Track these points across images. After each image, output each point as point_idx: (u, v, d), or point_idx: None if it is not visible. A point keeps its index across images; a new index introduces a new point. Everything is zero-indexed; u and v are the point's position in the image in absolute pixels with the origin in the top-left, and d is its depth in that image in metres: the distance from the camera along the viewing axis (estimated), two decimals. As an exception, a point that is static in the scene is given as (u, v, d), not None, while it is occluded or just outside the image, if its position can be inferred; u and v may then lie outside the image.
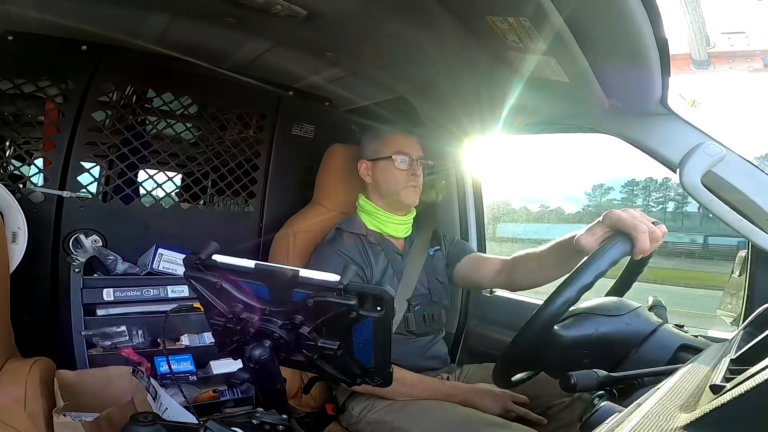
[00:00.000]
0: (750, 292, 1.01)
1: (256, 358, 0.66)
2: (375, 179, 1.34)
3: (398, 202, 1.32)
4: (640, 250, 0.78)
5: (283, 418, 0.76)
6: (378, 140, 1.36)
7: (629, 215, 0.79)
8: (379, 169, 1.33)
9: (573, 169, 4.90)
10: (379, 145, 1.35)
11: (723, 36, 1.14)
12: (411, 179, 1.31)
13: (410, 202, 1.33)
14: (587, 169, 5.13)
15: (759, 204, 0.92)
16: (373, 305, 0.64)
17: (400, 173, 1.31)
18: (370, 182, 1.35)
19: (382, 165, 1.33)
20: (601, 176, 5.14)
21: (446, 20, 0.95)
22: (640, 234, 0.78)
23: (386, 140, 1.35)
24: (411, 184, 1.31)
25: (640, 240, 0.78)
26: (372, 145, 1.36)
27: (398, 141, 1.34)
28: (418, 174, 1.32)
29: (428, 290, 1.31)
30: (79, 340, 1.18)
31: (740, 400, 0.30)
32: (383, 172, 1.32)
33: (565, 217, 6.04)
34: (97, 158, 1.38)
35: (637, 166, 5.51)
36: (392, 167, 1.31)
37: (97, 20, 1.23)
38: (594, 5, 0.73)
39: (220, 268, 0.69)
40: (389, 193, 1.32)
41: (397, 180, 1.31)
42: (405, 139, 1.35)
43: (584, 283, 0.73)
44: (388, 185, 1.32)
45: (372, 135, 1.39)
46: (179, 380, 1.21)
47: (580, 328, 0.78)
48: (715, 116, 1.01)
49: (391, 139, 1.35)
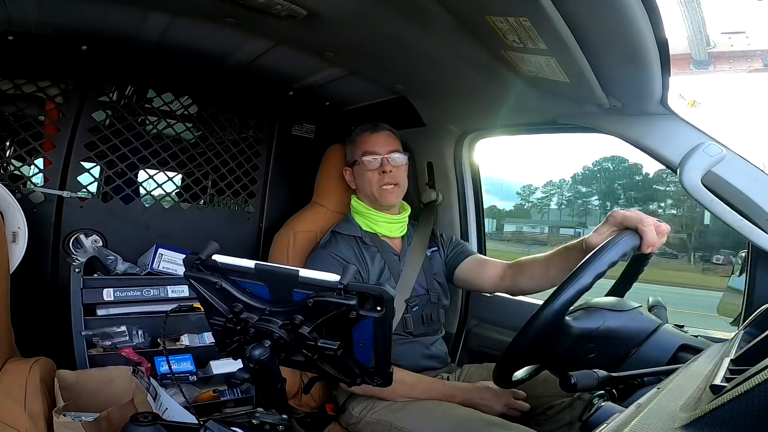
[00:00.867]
0: (750, 292, 1.01)
1: (256, 358, 0.66)
2: (356, 183, 1.33)
3: (380, 204, 1.30)
4: (649, 243, 0.82)
5: (283, 418, 0.76)
6: (352, 143, 1.35)
7: (634, 213, 0.83)
8: (356, 174, 1.33)
9: (508, 172, 5.63)
10: (351, 148, 1.34)
11: (723, 36, 1.14)
12: (383, 178, 1.26)
13: (387, 202, 1.29)
14: (521, 171, 5.92)
15: (759, 204, 0.92)
16: (373, 305, 0.64)
17: (371, 174, 1.28)
18: (354, 188, 1.35)
19: (357, 169, 1.32)
20: (528, 179, 6.09)
21: (446, 20, 0.95)
22: (647, 227, 0.81)
23: (356, 142, 1.33)
24: (384, 183, 1.26)
25: (648, 233, 0.81)
26: (349, 150, 1.36)
27: (364, 141, 1.31)
28: (389, 171, 1.27)
29: (426, 291, 1.30)
30: (79, 340, 1.18)
31: (740, 400, 0.30)
32: (359, 175, 1.31)
33: (499, 214, 6.79)
34: (97, 158, 1.38)
35: (557, 169, 6.71)
36: (364, 170, 1.29)
37: (97, 20, 1.23)
38: (594, 5, 0.73)
39: (220, 268, 0.69)
40: (368, 195, 1.31)
41: (370, 182, 1.28)
42: (372, 136, 1.31)
43: (599, 270, 0.75)
44: (365, 188, 1.30)
45: (349, 140, 1.38)
46: (179, 380, 1.21)
47: (588, 320, 0.79)
48: (715, 116, 1.01)
49: (358, 141, 1.32)
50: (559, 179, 7.20)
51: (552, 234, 8.80)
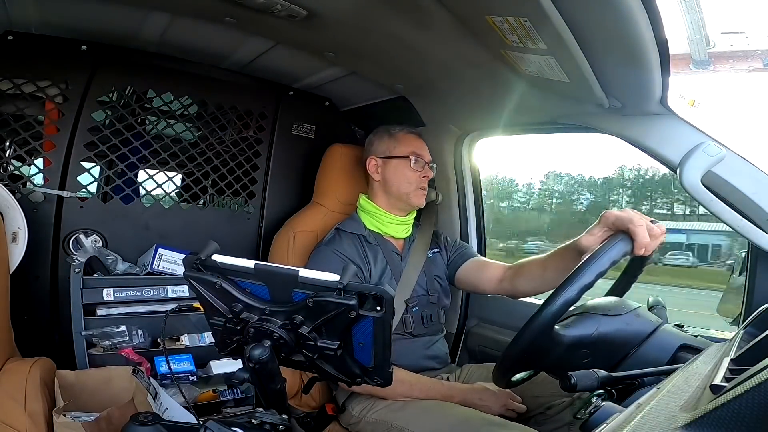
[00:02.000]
0: (750, 292, 1.01)
1: (256, 358, 0.66)
2: (385, 177, 1.33)
3: (406, 203, 1.32)
4: (641, 245, 0.78)
5: (283, 418, 0.76)
6: (391, 139, 1.35)
7: (626, 213, 0.80)
8: (391, 168, 1.33)
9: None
10: (393, 143, 1.34)
11: (723, 36, 1.13)
12: (422, 181, 1.32)
13: (418, 204, 1.34)
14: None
15: (759, 204, 0.92)
16: (372, 305, 0.64)
17: (413, 174, 1.31)
18: (378, 180, 1.34)
19: (394, 164, 1.32)
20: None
21: (446, 20, 0.95)
22: (638, 227, 0.78)
23: (401, 140, 1.34)
24: (421, 186, 1.32)
25: (639, 234, 0.78)
26: (384, 143, 1.36)
27: (413, 142, 1.35)
28: (428, 176, 1.33)
29: (426, 291, 1.30)
30: (79, 340, 1.18)
31: (740, 400, 0.30)
32: (395, 171, 1.32)
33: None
34: (97, 158, 1.38)
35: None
36: (406, 168, 1.31)
37: (97, 20, 1.23)
38: (594, 5, 0.73)
39: (220, 268, 0.69)
40: (399, 193, 1.31)
41: (410, 181, 1.31)
42: (419, 141, 1.36)
43: (585, 282, 0.73)
44: (399, 185, 1.31)
45: (384, 133, 1.38)
46: (179, 380, 1.21)
47: (580, 327, 0.77)
48: (715, 116, 1.01)
49: (406, 139, 1.35)
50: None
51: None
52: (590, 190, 6.85)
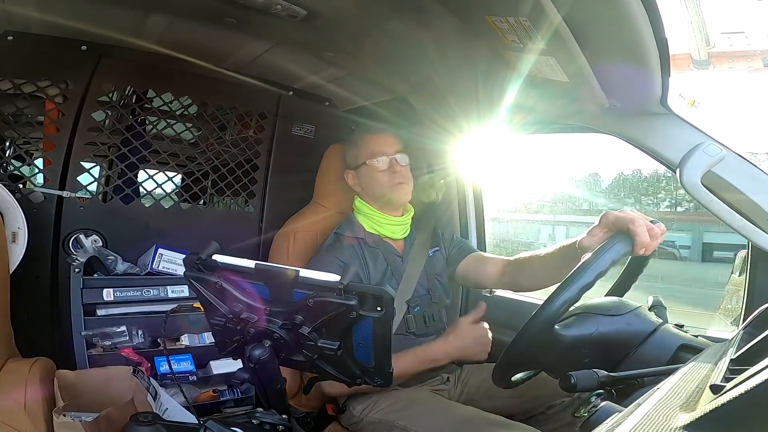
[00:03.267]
0: (750, 292, 1.01)
1: (256, 358, 0.66)
2: (362, 186, 1.32)
3: (391, 203, 1.30)
4: (641, 244, 0.78)
5: (283, 418, 0.76)
6: (354, 146, 1.34)
7: (626, 213, 0.80)
8: (362, 176, 1.32)
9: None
10: (356, 151, 1.33)
11: (723, 36, 1.14)
12: (395, 178, 1.27)
13: (402, 200, 1.30)
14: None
15: (759, 204, 0.92)
16: (373, 305, 0.64)
17: (382, 174, 1.27)
18: (359, 190, 1.34)
19: (363, 171, 1.31)
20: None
21: (446, 20, 0.95)
22: (639, 227, 0.78)
23: (360, 145, 1.33)
24: (397, 182, 1.27)
25: (639, 234, 0.78)
26: (351, 153, 1.35)
27: (371, 142, 1.31)
28: (399, 170, 1.28)
29: (427, 291, 1.30)
30: (79, 340, 1.18)
31: (740, 400, 0.30)
32: (366, 177, 1.30)
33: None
34: (97, 158, 1.39)
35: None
36: (374, 171, 1.28)
37: (97, 20, 1.23)
38: (594, 5, 0.73)
39: (220, 268, 0.69)
40: (379, 196, 1.30)
41: (381, 182, 1.28)
42: (378, 138, 1.32)
43: (585, 282, 0.73)
44: (375, 189, 1.29)
45: (349, 143, 1.38)
46: (179, 380, 1.21)
47: (580, 327, 0.77)
48: (715, 116, 1.01)
49: (364, 143, 1.32)
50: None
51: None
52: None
